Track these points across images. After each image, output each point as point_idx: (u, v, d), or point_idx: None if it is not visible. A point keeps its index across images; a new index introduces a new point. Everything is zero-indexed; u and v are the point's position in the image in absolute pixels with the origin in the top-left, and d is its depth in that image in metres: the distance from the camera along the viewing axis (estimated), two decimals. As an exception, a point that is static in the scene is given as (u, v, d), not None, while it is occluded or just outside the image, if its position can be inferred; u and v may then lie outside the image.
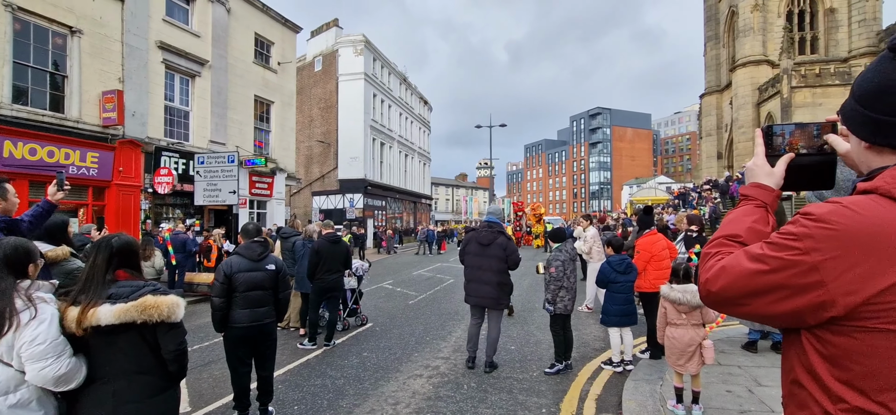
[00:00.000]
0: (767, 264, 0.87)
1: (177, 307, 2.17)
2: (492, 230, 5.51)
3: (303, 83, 32.78)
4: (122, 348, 2.12)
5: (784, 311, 0.88)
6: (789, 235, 0.87)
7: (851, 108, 0.96)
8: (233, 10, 16.88)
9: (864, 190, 0.86)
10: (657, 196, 32.79)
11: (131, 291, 2.14)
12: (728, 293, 0.95)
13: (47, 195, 3.56)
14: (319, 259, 6.57)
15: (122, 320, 2.05)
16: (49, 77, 11.37)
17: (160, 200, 14.10)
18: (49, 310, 2.01)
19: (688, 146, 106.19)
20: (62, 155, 11.09)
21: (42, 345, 1.95)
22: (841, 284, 0.80)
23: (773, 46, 29.14)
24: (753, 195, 1.12)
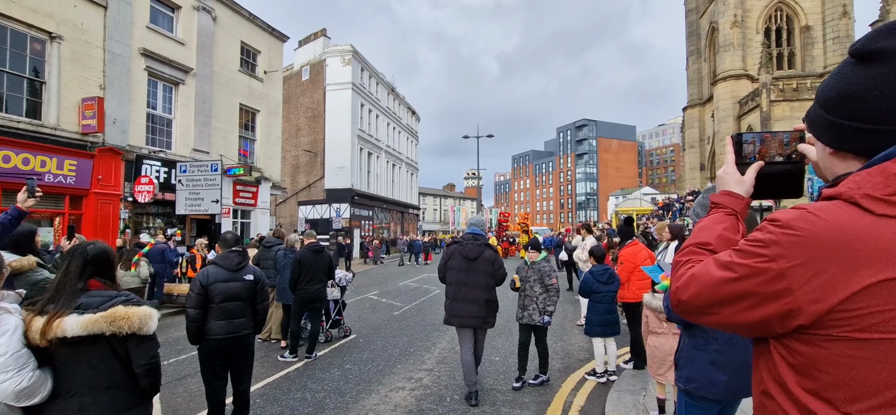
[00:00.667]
0: (735, 272, 0.86)
1: (149, 319, 2.08)
2: (477, 243, 4.95)
3: (290, 92, 32.61)
4: (91, 361, 2.02)
5: (752, 319, 0.86)
6: (757, 242, 0.85)
7: (815, 113, 0.95)
8: (219, 18, 16.76)
9: (829, 196, 0.85)
10: (642, 207, 33.20)
11: (102, 302, 2.05)
12: (697, 302, 0.93)
13: (18, 202, 3.45)
14: (302, 269, 6.49)
15: (90, 331, 1.96)
16: (26, 83, 11.10)
17: (140, 209, 13.81)
18: (12, 321, 1.92)
19: (672, 158, 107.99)
20: (38, 162, 10.81)
21: (2, 357, 1.86)
22: (807, 291, 0.78)
23: (753, 61, 29.90)
24: (724, 203, 1.12)
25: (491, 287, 4.91)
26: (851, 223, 0.77)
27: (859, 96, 0.84)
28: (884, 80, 0.81)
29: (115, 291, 2.21)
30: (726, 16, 30.54)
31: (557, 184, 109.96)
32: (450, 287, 4.95)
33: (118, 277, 2.43)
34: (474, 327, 4.83)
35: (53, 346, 1.97)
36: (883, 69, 0.81)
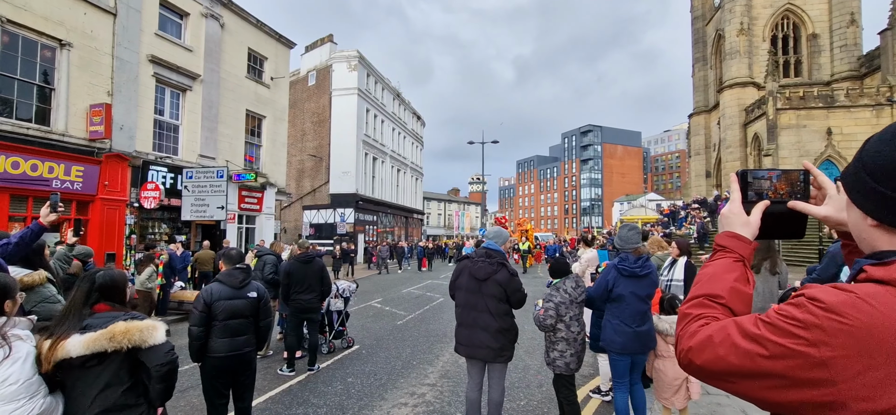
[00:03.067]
0: (766, 349, 0.79)
1: (151, 331, 2.11)
2: (491, 261, 4.17)
3: (296, 97, 32.78)
4: (97, 383, 2.05)
5: (780, 400, 0.80)
6: (794, 320, 0.78)
7: (859, 179, 0.87)
8: (226, 25, 16.89)
9: (880, 279, 0.77)
10: (647, 215, 33.03)
11: (105, 322, 2.09)
12: (714, 368, 0.87)
13: (40, 218, 3.46)
14: (290, 281, 6.48)
15: (92, 349, 1.99)
16: (36, 90, 11.23)
17: (146, 215, 13.89)
18: (24, 348, 1.94)
19: (677, 164, 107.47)
20: (46, 168, 10.91)
21: (14, 385, 1.88)
22: (855, 387, 0.71)
23: (759, 69, 29.75)
24: (731, 247, 1.07)
25: (506, 313, 4.14)
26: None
27: None
28: None
29: (123, 311, 2.23)
30: (732, 23, 30.44)
31: (562, 189, 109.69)
32: (457, 309, 4.32)
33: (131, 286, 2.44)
34: (484, 358, 4.12)
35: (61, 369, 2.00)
36: None
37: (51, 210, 3.46)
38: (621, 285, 4.02)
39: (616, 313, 4.03)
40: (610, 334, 4.06)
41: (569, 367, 4.07)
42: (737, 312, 0.98)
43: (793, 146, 25.45)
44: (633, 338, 3.93)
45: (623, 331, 3.97)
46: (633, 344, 3.94)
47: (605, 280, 4.16)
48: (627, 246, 4.16)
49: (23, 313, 2.43)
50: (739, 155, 29.60)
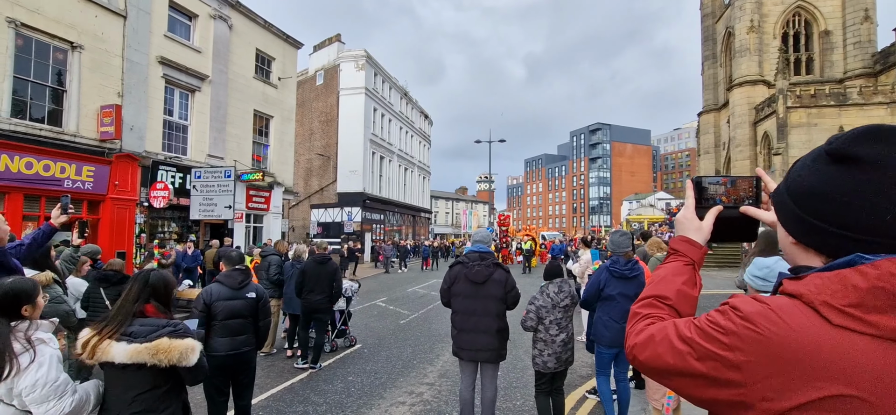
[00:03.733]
0: (694, 351, 0.87)
1: (190, 353, 2.20)
2: (485, 263, 4.27)
3: (304, 97, 33.04)
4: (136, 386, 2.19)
5: (702, 397, 0.88)
6: (717, 326, 0.85)
7: (783, 199, 0.94)
8: (234, 26, 17.10)
9: (790, 292, 0.84)
10: (655, 214, 32.79)
11: (149, 331, 2.19)
12: (653, 364, 0.96)
13: (51, 219, 3.58)
14: (304, 279, 6.63)
15: (135, 360, 2.11)
16: (48, 91, 11.49)
17: (156, 214, 14.14)
18: (48, 352, 2.02)
19: (687, 162, 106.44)
20: (58, 169, 11.16)
21: (43, 389, 1.97)
22: (759, 389, 0.79)
23: (770, 67, 29.38)
24: (682, 251, 1.13)
25: (502, 314, 4.29)
26: (810, 333, 0.76)
27: (829, 197, 0.82)
28: (854, 187, 0.79)
29: (166, 319, 2.34)
30: (743, 21, 30.08)
31: (570, 188, 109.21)
32: (456, 316, 4.32)
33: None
34: (486, 360, 4.22)
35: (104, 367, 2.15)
36: (856, 175, 0.79)
37: (61, 212, 3.58)
38: (612, 286, 4.29)
39: (606, 311, 4.30)
40: (600, 329, 4.37)
41: (546, 365, 4.16)
42: (682, 313, 1.05)
43: (803, 145, 25.10)
44: (619, 333, 4.20)
45: (611, 326, 4.26)
46: (620, 338, 4.18)
47: (597, 280, 4.39)
48: (618, 250, 4.42)
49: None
50: (749, 154, 29.28)
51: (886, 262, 0.74)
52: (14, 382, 1.93)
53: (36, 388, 1.94)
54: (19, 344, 1.95)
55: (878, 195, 0.77)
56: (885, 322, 0.73)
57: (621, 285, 4.26)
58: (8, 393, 1.96)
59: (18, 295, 2.12)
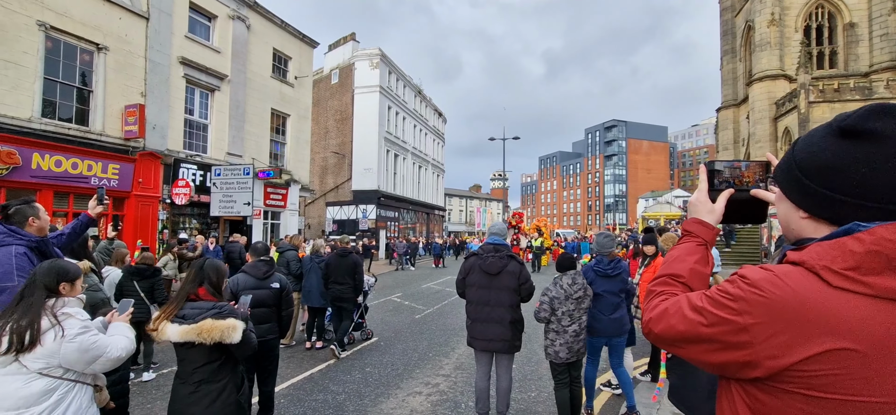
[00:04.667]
0: (705, 318, 0.95)
1: (231, 331, 2.49)
2: (500, 255, 4.38)
3: (319, 95, 33.41)
4: (196, 360, 2.57)
5: (714, 362, 0.96)
6: (726, 294, 0.93)
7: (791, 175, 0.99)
8: (252, 26, 17.40)
9: (794, 261, 0.91)
10: (671, 212, 32.37)
11: (197, 314, 2.52)
12: (667, 335, 1.03)
13: (88, 210, 3.76)
14: (328, 271, 7.09)
15: (185, 339, 2.46)
16: (75, 92, 11.87)
17: (177, 211, 14.51)
18: (77, 323, 2.20)
19: (706, 159, 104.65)
20: (85, 167, 11.54)
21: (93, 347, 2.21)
22: (765, 347, 0.86)
23: (791, 61, 28.73)
24: (695, 232, 1.21)
25: (516, 305, 4.40)
26: (811, 293, 0.84)
27: (844, 171, 0.88)
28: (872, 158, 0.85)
29: (213, 302, 2.66)
30: (763, 14, 29.45)
31: (585, 186, 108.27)
32: (470, 306, 4.48)
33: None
34: (499, 351, 4.34)
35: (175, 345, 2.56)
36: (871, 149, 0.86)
37: (97, 202, 3.76)
38: (597, 284, 4.66)
39: (595, 305, 4.65)
40: (589, 321, 4.66)
41: (558, 355, 4.27)
42: (694, 289, 1.12)
43: (826, 141, 24.54)
44: (608, 323, 4.62)
45: (600, 319, 4.64)
46: (608, 328, 4.63)
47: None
48: (603, 251, 4.83)
49: None
50: (769, 150, 28.68)
51: (881, 228, 0.82)
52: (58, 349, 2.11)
53: (82, 353, 2.17)
54: (47, 320, 2.13)
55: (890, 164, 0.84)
56: (879, 282, 0.80)
57: (606, 283, 4.66)
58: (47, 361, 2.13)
59: (60, 273, 2.31)
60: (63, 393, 2.18)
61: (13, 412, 2.05)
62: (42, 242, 3.18)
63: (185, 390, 2.59)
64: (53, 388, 2.14)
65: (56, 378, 2.15)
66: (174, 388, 2.67)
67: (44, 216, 3.30)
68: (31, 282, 2.24)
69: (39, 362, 2.10)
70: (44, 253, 3.19)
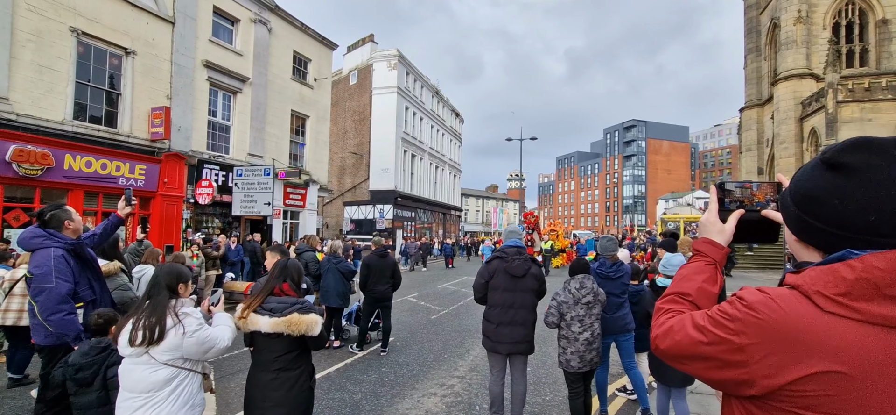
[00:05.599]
0: (706, 337, 0.99)
1: (314, 325, 2.81)
2: (522, 257, 4.43)
3: (338, 96, 33.80)
4: (276, 348, 2.81)
5: (715, 378, 1.00)
6: (725, 314, 0.97)
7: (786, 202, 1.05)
8: (273, 29, 17.75)
9: (790, 284, 0.95)
10: (692, 214, 31.78)
11: (284, 308, 2.82)
12: (672, 351, 1.08)
13: (118, 210, 3.94)
14: (369, 272, 7.24)
15: (275, 330, 2.74)
16: (105, 95, 12.31)
17: (201, 210, 14.91)
18: (194, 321, 2.55)
19: (728, 160, 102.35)
20: (114, 167, 11.95)
21: (208, 339, 2.57)
22: (760, 367, 0.90)
23: (818, 59, 27.92)
24: (705, 252, 1.24)
25: (535, 307, 4.49)
26: (803, 317, 0.88)
27: (822, 200, 0.93)
28: (843, 191, 0.90)
29: (296, 298, 2.97)
30: (790, 11, 28.69)
31: (603, 186, 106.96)
32: (494, 310, 4.40)
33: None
34: (523, 352, 4.38)
35: (253, 333, 2.82)
36: (844, 181, 0.90)
37: (126, 203, 3.93)
38: (600, 285, 4.65)
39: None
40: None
41: (569, 364, 4.24)
42: (702, 308, 1.15)
43: (855, 142, 23.77)
44: (610, 322, 4.70)
45: (602, 317, 4.59)
46: (610, 326, 4.69)
47: None
48: (605, 254, 4.98)
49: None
50: (795, 151, 27.95)
51: (870, 256, 0.85)
52: (180, 343, 2.47)
53: (200, 345, 2.54)
54: (171, 319, 2.48)
55: (863, 198, 0.88)
56: (868, 308, 0.84)
57: (608, 284, 4.75)
58: (172, 353, 2.48)
59: (179, 276, 2.68)
60: (181, 379, 2.52)
61: (144, 395, 2.43)
62: (77, 244, 3.36)
63: (266, 377, 2.82)
64: (175, 375, 2.49)
65: (177, 367, 2.50)
66: (252, 375, 2.89)
67: (77, 219, 3.47)
68: (155, 283, 2.60)
69: (166, 355, 2.45)
70: (79, 254, 3.37)
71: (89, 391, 2.96)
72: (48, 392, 3.22)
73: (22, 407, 5.00)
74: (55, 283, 3.10)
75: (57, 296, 3.11)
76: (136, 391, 2.44)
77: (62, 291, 3.12)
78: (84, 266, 3.38)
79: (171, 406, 2.46)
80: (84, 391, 2.96)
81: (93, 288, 3.43)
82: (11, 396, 5.34)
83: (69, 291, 3.18)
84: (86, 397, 2.96)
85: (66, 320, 3.15)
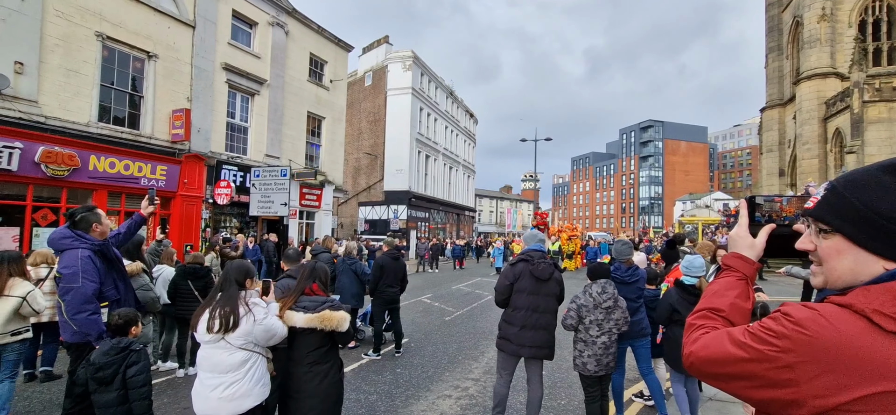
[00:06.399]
0: (747, 353, 0.95)
1: (344, 321, 3.06)
2: (546, 261, 4.43)
3: (353, 97, 34.07)
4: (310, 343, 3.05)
5: (758, 398, 0.96)
6: (770, 331, 0.93)
7: (864, 220, 0.97)
8: (290, 32, 17.98)
9: (840, 303, 0.91)
10: (710, 216, 31.19)
11: (316, 305, 3.07)
12: (708, 369, 1.04)
13: (141, 210, 4.06)
14: (382, 274, 7.26)
15: (309, 325, 3.00)
16: (128, 97, 12.62)
17: (219, 210, 15.17)
18: (261, 310, 2.92)
19: (748, 161, 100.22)
20: (136, 168, 12.24)
21: (273, 327, 2.93)
22: (812, 387, 0.86)
23: (843, 58, 27.17)
24: (735, 267, 1.20)
25: (557, 312, 4.48)
26: (861, 337, 0.85)
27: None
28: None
29: (325, 296, 3.24)
30: (813, 9, 27.97)
31: (619, 187, 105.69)
32: (518, 312, 4.31)
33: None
34: (543, 357, 4.33)
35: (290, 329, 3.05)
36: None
37: (149, 202, 4.04)
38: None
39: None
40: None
41: (586, 367, 4.25)
42: (735, 324, 1.12)
43: (883, 142, 23.08)
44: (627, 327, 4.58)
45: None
46: (627, 331, 4.54)
47: None
48: (620, 258, 4.94)
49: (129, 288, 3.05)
50: (818, 152, 27.25)
51: None
52: (252, 330, 2.83)
53: (270, 329, 2.90)
54: (242, 308, 2.85)
55: None
56: None
57: (623, 289, 4.69)
58: (244, 338, 2.83)
59: (247, 272, 3.06)
60: (254, 361, 2.89)
61: (226, 374, 2.80)
62: (104, 246, 3.46)
63: (300, 371, 3.04)
64: (248, 358, 2.86)
65: (249, 351, 2.86)
66: (287, 369, 3.12)
67: (105, 222, 3.58)
68: (227, 278, 2.98)
69: (239, 340, 2.81)
70: (105, 255, 3.47)
71: (109, 390, 3.05)
72: (75, 389, 3.33)
73: (50, 402, 5.16)
74: (82, 283, 3.20)
75: (82, 296, 3.21)
76: (217, 372, 2.81)
77: (88, 292, 3.22)
78: (110, 267, 3.49)
79: (248, 384, 2.84)
80: (104, 390, 3.06)
81: (117, 288, 3.53)
82: (40, 391, 5.51)
83: (95, 292, 3.28)
84: (106, 395, 3.05)
85: (90, 320, 3.25)
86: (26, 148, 9.95)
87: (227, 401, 2.78)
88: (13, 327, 4.35)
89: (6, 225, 10.06)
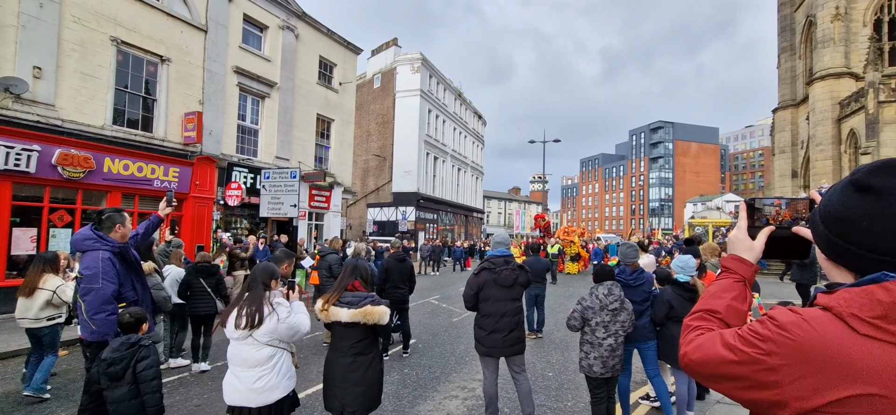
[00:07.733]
0: (736, 355, 0.99)
1: (384, 315, 3.25)
2: (510, 267, 4.56)
3: (362, 99, 34.29)
4: (352, 336, 3.25)
5: (745, 398, 1.00)
6: (756, 334, 0.97)
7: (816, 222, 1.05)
8: (300, 35, 18.17)
9: (823, 305, 0.95)
10: (720, 218, 30.85)
11: (358, 300, 3.27)
12: (701, 369, 1.08)
13: (158, 211, 4.19)
14: (388, 276, 7.30)
15: (353, 320, 3.19)
16: (141, 100, 12.86)
17: (230, 212, 15.37)
18: (285, 309, 3.13)
19: (760, 162, 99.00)
20: (149, 170, 12.46)
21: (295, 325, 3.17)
22: (794, 389, 0.90)
23: (858, 58, 26.74)
24: (734, 269, 1.23)
25: (522, 304, 4.76)
26: (838, 340, 0.88)
27: (852, 222, 0.94)
28: (872, 213, 0.91)
29: (367, 292, 3.41)
30: (827, 8, 27.56)
31: (628, 189, 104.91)
32: (487, 319, 4.49)
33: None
34: (518, 352, 4.54)
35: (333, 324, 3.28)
36: (874, 204, 0.91)
37: (167, 204, 4.15)
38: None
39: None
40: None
41: (592, 369, 4.30)
42: (731, 325, 1.16)
43: (898, 143, 22.66)
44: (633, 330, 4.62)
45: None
46: (633, 334, 4.60)
47: None
48: (626, 260, 4.95)
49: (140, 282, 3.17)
50: (831, 153, 26.83)
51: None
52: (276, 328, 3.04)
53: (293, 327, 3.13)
54: (267, 307, 3.06)
55: (892, 220, 0.88)
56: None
57: (629, 292, 4.70)
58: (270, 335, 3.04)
59: (272, 274, 3.26)
60: (280, 356, 3.11)
61: (253, 369, 3.03)
62: (124, 248, 3.57)
63: (344, 362, 3.26)
64: (274, 353, 3.08)
65: (275, 347, 3.08)
66: (331, 360, 3.34)
67: (128, 224, 3.70)
68: (254, 279, 3.19)
69: (265, 337, 3.03)
70: (124, 257, 3.58)
71: (121, 385, 3.14)
72: (92, 386, 3.43)
73: (64, 396, 5.30)
74: (101, 284, 3.31)
75: (102, 297, 3.32)
76: (247, 366, 3.04)
77: (107, 293, 3.33)
78: (129, 268, 3.60)
79: (276, 377, 3.07)
80: (116, 385, 3.15)
81: (135, 289, 3.64)
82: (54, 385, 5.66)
83: (114, 293, 3.38)
84: (118, 390, 3.14)
85: (109, 320, 3.36)
86: (44, 151, 10.18)
87: (257, 393, 3.00)
88: (47, 314, 5.16)
89: (24, 226, 10.31)
